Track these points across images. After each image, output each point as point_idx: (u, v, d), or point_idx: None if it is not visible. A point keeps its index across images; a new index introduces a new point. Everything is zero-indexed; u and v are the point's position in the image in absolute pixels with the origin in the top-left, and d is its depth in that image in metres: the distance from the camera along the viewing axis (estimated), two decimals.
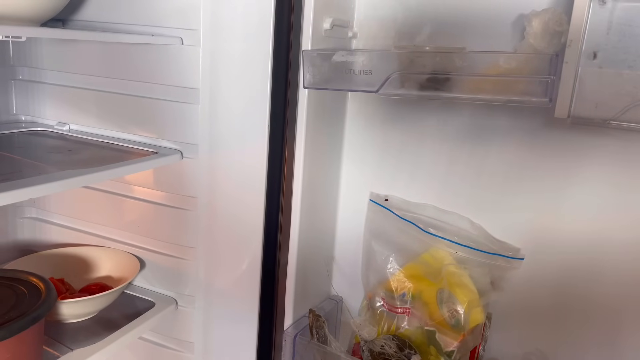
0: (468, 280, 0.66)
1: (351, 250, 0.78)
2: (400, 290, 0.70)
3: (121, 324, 0.75)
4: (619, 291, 0.62)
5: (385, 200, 0.73)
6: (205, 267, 0.80)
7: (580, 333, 0.65)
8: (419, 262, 0.70)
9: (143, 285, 0.87)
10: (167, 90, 0.74)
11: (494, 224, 0.68)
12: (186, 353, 0.84)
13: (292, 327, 0.72)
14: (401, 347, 0.66)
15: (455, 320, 0.65)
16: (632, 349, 0.62)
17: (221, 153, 0.74)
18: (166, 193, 0.81)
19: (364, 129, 0.74)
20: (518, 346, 0.69)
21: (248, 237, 0.76)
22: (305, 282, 0.76)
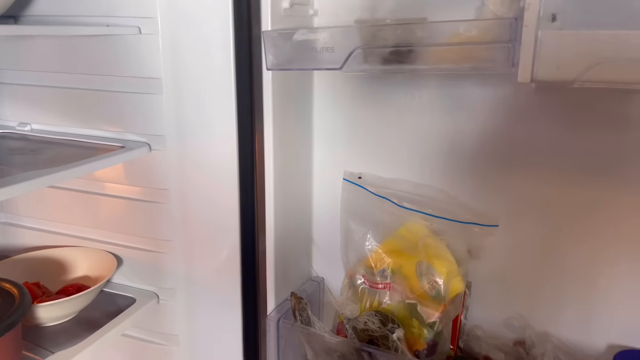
0: (445, 251, 0.66)
1: (329, 230, 0.78)
2: (379, 266, 0.70)
3: (102, 323, 0.75)
4: (592, 253, 0.63)
5: (359, 178, 0.72)
6: (184, 259, 0.79)
7: (558, 295, 0.66)
8: (397, 237, 0.70)
9: (123, 282, 0.85)
10: (129, 82, 0.73)
11: (469, 193, 0.68)
12: (171, 346, 0.84)
13: (275, 311, 0.72)
14: (384, 322, 0.67)
15: (435, 291, 0.66)
16: (605, 306, 0.63)
17: (190, 143, 0.73)
18: (137, 187, 0.79)
19: (332, 107, 0.73)
20: (499, 312, 0.70)
21: (224, 226, 0.75)
22: (285, 266, 0.75)
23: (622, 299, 0.62)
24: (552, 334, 0.66)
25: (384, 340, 0.65)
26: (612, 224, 0.61)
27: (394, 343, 0.65)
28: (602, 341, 0.64)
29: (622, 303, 0.62)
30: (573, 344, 0.65)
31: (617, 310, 0.63)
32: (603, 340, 0.64)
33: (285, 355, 0.71)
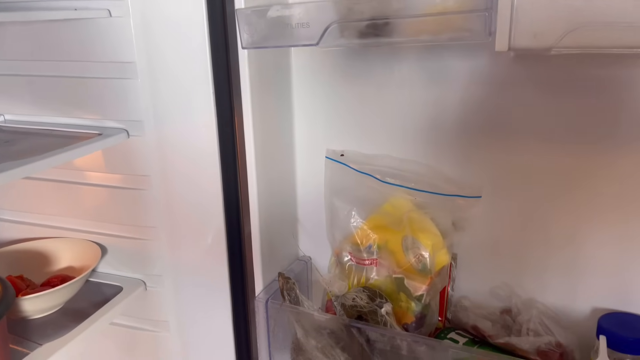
0: (430, 224, 0.66)
1: (314, 209, 0.78)
2: (365, 243, 0.70)
3: (90, 313, 0.74)
4: (575, 220, 0.63)
5: (341, 155, 0.72)
6: (169, 245, 0.79)
7: (542, 262, 0.66)
8: (381, 212, 0.70)
9: (108, 271, 0.85)
10: (102, 67, 0.71)
11: (452, 166, 0.68)
12: (162, 332, 0.84)
13: (263, 292, 0.72)
14: (372, 297, 0.67)
15: (421, 264, 0.66)
16: (589, 271, 0.64)
17: (168, 127, 0.72)
18: (118, 175, 0.78)
19: (311, 85, 0.73)
20: (485, 282, 0.70)
21: (208, 210, 0.74)
22: (272, 247, 0.75)
23: (605, 264, 0.63)
24: (538, 300, 0.67)
25: (372, 315, 0.66)
26: (595, 189, 0.62)
27: (382, 317, 0.65)
28: (586, 305, 0.65)
29: (605, 267, 0.63)
30: (558, 309, 0.66)
31: (601, 274, 0.63)
32: (587, 304, 0.65)
33: (276, 335, 0.71)
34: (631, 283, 0.62)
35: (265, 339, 0.71)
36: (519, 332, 0.64)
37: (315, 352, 0.67)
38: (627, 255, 0.62)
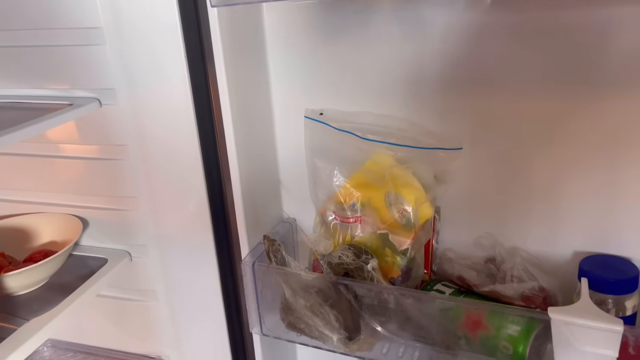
0: (412, 179, 0.66)
1: (296, 171, 0.77)
2: (349, 201, 0.70)
3: (76, 286, 0.74)
4: (556, 166, 0.63)
5: (320, 114, 0.71)
6: (152, 214, 0.78)
7: (524, 210, 0.67)
8: (363, 170, 0.70)
9: (92, 244, 0.84)
10: (67, 34, 0.68)
11: (432, 119, 0.68)
12: (150, 301, 0.84)
13: (249, 255, 0.72)
14: (358, 254, 0.67)
15: (405, 219, 0.66)
16: (570, 216, 0.65)
17: (142, 94, 0.70)
18: (94, 146, 0.77)
19: (285, 43, 0.71)
20: (469, 233, 0.71)
21: (189, 177, 0.73)
22: (255, 211, 0.75)
23: (585, 209, 0.64)
24: (521, 248, 0.68)
25: (359, 272, 0.66)
26: (575, 137, 0.62)
27: (369, 273, 0.65)
28: (568, 250, 0.66)
29: (585, 213, 0.64)
30: (541, 255, 0.67)
31: (582, 219, 0.64)
32: (569, 249, 0.66)
33: (264, 297, 0.71)
34: (611, 226, 0.63)
35: (254, 302, 0.71)
36: (503, 279, 0.65)
37: (305, 310, 0.67)
38: (606, 199, 0.62)
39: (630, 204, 0.62)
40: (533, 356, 0.58)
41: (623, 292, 0.58)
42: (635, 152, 0.60)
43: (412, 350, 0.66)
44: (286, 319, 0.70)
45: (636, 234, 0.62)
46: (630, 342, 0.52)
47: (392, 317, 0.65)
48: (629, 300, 0.58)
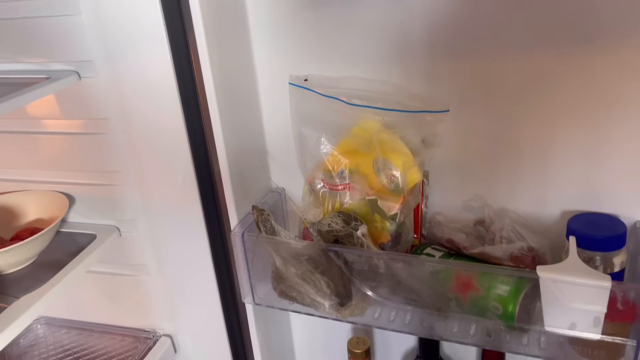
0: (400, 144, 0.66)
1: (283, 140, 0.76)
2: (337, 168, 0.70)
3: (65, 263, 0.73)
4: (543, 124, 0.63)
5: (305, 80, 0.70)
6: (139, 188, 0.77)
7: (512, 171, 0.67)
8: (351, 136, 0.69)
9: (80, 220, 0.84)
10: (41, 4, 0.66)
11: (418, 83, 0.67)
12: (142, 275, 0.84)
13: (239, 226, 0.72)
14: (347, 221, 0.67)
15: (394, 184, 0.66)
16: (558, 175, 0.64)
17: (121, 66, 0.68)
18: (75, 120, 0.75)
19: (267, 8, 0.69)
20: (458, 196, 0.71)
21: (174, 149, 0.72)
22: (243, 182, 0.74)
23: (573, 168, 0.64)
24: (510, 209, 0.68)
25: (349, 239, 0.66)
26: (563, 96, 0.61)
27: (358, 239, 0.65)
28: (556, 209, 0.66)
29: (573, 171, 0.64)
30: (529, 216, 0.67)
31: (569, 178, 0.64)
32: (557, 208, 0.66)
33: (255, 266, 0.71)
34: (599, 184, 0.63)
35: (245, 272, 0.71)
36: (492, 241, 0.66)
37: (296, 278, 0.67)
38: (594, 157, 0.62)
39: (617, 161, 0.61)
40: (522, 315, 0.59)
41: (610, 248, 0.58)
42: (621, 109, 0.59)
43: (403, 313, 0.67)
44: (278, 287, 0.71)
45: (624, 191, 0.62)
46: (619, 297, 0.53)
47: (383, 281, 0.66)
48: (616, 257, 0.58)
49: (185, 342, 0.89)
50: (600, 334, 0.54)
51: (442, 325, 0.65)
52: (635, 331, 0.54)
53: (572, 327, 0.55)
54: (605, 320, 0.53)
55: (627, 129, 0.60)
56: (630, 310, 0.53)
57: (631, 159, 0.61)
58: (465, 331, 0.64)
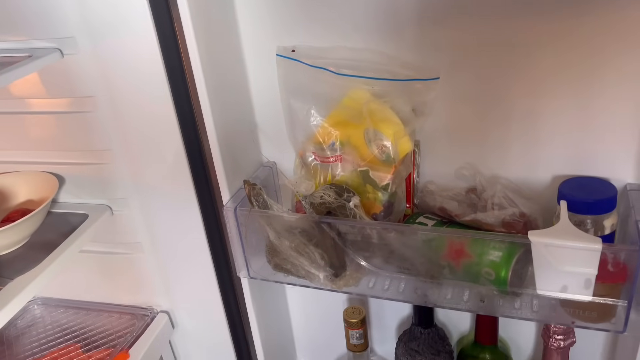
0: (390, 113, 0.65)
1: (272, 113, 0.75)
2: (328, 141, 0.69)
3: (58, 243, 0.73)
4: (533, 90, 0.63)
5: (292, 51, 0.69)
6: (129, 167, 0.77)
7: (503, 137, 0.66)
8: (341, 107, 0.68)
9: (71, 201, 0.83)
10: None
11: (407, 51, 0.66)
12: (136, 253, 0.84)
13: (231, 201, 0.71)
14: (339, 193, 0.67)
15: (385, 155, 0.66)
16: (548, 140, 0.64)
17: (105, 41, 0.67)
18: (61, 99, 0.74)
19: None
20: (449, 164, 0.71)
21: (162, 127, 0.71)
22: (234, 157, 0.73)
23: (563, 132, 0.63)
24: (501, 176, 0.68)
25: (341, 210, 0.66)
26: (551, 60, 0.60)
27: (351, 211, 0.65)
28: (547, 174, 0.66)
29: (564, 136, 0.64)
30: (521, 182, 0.67)
31: (560, 143, 0.64)
32: (548, 173, 0.66)
33: (249, 240, 0.71)
34: (589, 148, 0.63)
35: (239, 246, 0.71)
36: (484, 208, 0.66)
37: (290, 251, 0.68)
38: (583, 121, 0.62)
39: (607, 124, 0.61)
40: (515, 280, 0.60)
41: (601, 211, 0.59)
42: (610, 71, 0.59)
43: (397, 282, 0.67)
44: (272, 260, 0.71)
45: (614, 154, 0.62)
46: (609, 259, 0.54)
47: (376, 251, 0.66)
48: (607, 220, 0.59)
49: (182, 318, 0.90)
50: (592, 296, 0.54)
51: (436, 292, 0.65)
52: (626, 292, 0.55)
53: (564, 290, 0.55)
54: (596, 282, 0.53)
55: (617, 91, 0.59)
56: (620, 272, 0.54)
57: (621, 122, 0.61)
58: (458, 297, 0.64)
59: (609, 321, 0.58)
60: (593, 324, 0.58)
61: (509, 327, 0.79)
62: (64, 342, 0.86)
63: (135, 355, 0.80)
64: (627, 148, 0.62)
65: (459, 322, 0.83)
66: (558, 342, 0.67)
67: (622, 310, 0.56)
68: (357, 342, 0.80)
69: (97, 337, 0.86)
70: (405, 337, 0.80)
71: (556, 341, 0.67)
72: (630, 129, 0.61)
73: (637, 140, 0.61)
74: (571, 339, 0.67)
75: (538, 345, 0.79)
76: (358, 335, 0.79)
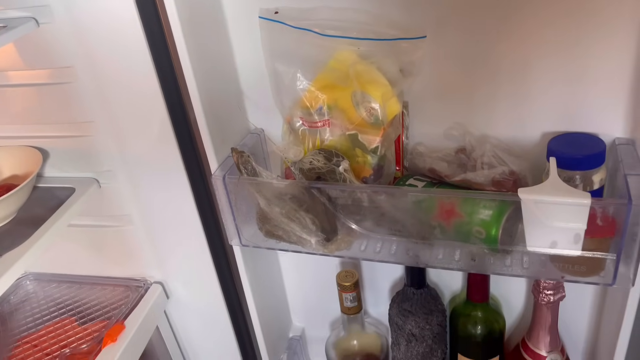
0: (377, 75, 0.64)
1: (257, 79, 0.74)
2: (315, 105, 0.68)
3: (46, 218, 0.72)
4: (520, 45, 0.62)
5: (275, 13, 0.67)
6: (114, 139, 0.76)
7: (492, 96, 0.66)
8: (327, 70, 0.67)
9: (57, 175, 0.82)
10: None
11: (392, 9, 0.64)
12: (125, 226, 0.84)
13: (219, 169, 0.71)
14: (329, 157, 0.66)
15: (373, 117, 0.65)
16: (537, 97, 0.64)
17: (81, 10, 0.65)
18: (39, 70, 0.73)
19: None
20: (438, 125, 0.70)
21: (145, 96, 0.70)
22: (221, 125, 0.72)
23: (552, 88, 0.63)
24: (490, 135, 0.68)
25: (331, 175, 0.66)
26: (540, 14, 0.59)
27: (341, 175, 0.65)
28: (536, 132, 0.66)
29: (552, 92, 0.63)
30: (510, 140, 0.67)
31: (548, 99, 0.64)
32: (537, 130, 0.66)
33: (239, 208, 0.71)
34: (577, 104, 0.63)
35: (229, 214, 0.71)
36: (474, 167, 0.66)
37: (281, 218, 0.67)
38: (572, 76, 0.61)
39: (595, 79, 0.61)
40: (505, 237, 0.60)
41: (590, 167, 0.58)
42: (598, 26, 0.58)
43: (389, 244, 0.68)
44: (263, 227, 0.71)
45: (602, 109, 0.62)
46: (598, 213, 0.54)
47: (367, 215, 0.66)
48: (595, 175, 0.59)
49: (176, 288, 0.90)
50: (581, 250, 0.55)
51: (427, 253, 0.66)
52: (615, 245, 0.55)
53: (554, 246, 0.56)
54: (586, 236, 0.54)
55: (605, 45, 0.59)
56: (609, 226, 0.54)
57: (609, 76, 0.60)
58: (450, 257, 0.65)
59: (598, 275, 0.59)
60: (582, 277, 0.59)
61: (500, 285, 0.80)
62: (59, 316, 0.87)
63: (131, 326, 0.81)
64: (615, 102, 0.61)
65: (450, 282, 0.84)
66: (548, 297, 0.68)
67: (611, 264, 0.57)
68: (351, 304, 0.81)
69: (92, 310, 0.87)
70: (398, 298, 0.81)
71: (546, 296, 0.68)
72: (619, 82, 0.60)
73: (626, 94, 0.61)
74: (561, 293, 0.68)
75: (528, 301, 0.81)
76: (351, 298, 0.80)
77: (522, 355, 0.75)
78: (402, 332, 0.80)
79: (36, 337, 0.82)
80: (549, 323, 0.71)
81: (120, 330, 0.80)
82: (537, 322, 0.72)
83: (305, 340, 1.00)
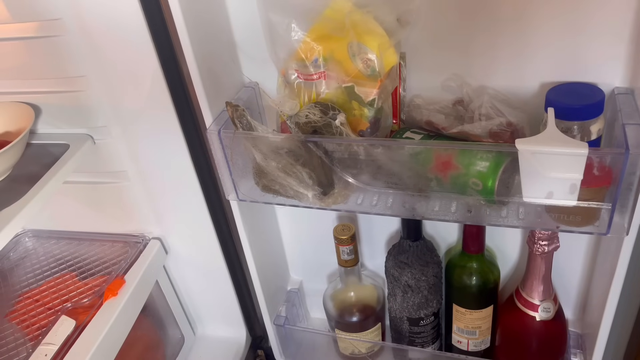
0: (374, 24, 0.62)
1: (251, 30, 0.72)
2: (311, 57, 0.67)
3: (41, 175, 0.72)
4: None
5: None
6: (107, 94, 0.74)
7: (490, 45, 0.64)
8: (322, 20, 0.65)
9: (51, 131, 0.81)
10: None
11: None
12: (122, 182, 0.84)
13: (214, 124, 0.70)
14: (325, 111, 0.65)
15: (370, 69, 0.64)
16: (535, 47, 0.62)
17: None
18: (27, 23, 0.71)
19: None
20: (436, 76, 0.69)
21: (137, 49, 0.69)
22: (215, 79, 0.71)
23: (551, 37, 0.61)
24: (488, 86, 0.67)
25: (327, 128, 0.65)
26: None
27: (337, 128, 0.64)
28: (534, 82, 0.65)
29: (551, 41, 0.62)
30: (508, 91, 0.66)
31: (547, 49, 0.62)
32: (535, 80, 0.65)
33: (235, 163, 0.70)
34: (576, 53, 0.62)
35: (225, 169, 0.71)
36: (471, 119, 0.65)
37: (277, 172, 0.67)
38: (571, 25, 0.60)
39: (594, 27, 0.59)
40: (502, 189, 0.60)
41: (587, 117, 0.58)
42: None
43: (385, 197, 0.68)
44: (260, 182, 0.71)
45: (602, 58, 0.61)
46: (595, 163, 0.54)
47: (364, 168, 0.66)
48: (593, 125, 0.59)
49: (175, 243, 0.91)
50: (577, 200, 0.55)
51: (424, 205, 0.66)
52: (610, 195, 0.56)
53: (550, 196, 0.56)
54: (582, 186, 0.54)
55: None
56: (606, 175, 0.55)
57: (609, 25, 0.59)
58: (446, 209, 0.65)
59: (592, 224, 0.59)
60: (577, 227, 0.60)
61: (495, 236, 0.81)
62: (59, 271, 0.88)
63: (131, 281, 0.82)
64: (615, 51, 0.60)
65: (446, 234, 0.85)
66: (542, 247, 0.69)
67: (606, 213, 0.57)
68: (348, 257, 0.82)
69: (92, 265, 0.87)
70: (394, 250, 0.82)
71: (540, 247, 0.69)
72: (619, 31, 0.59)
73: (626, 43, 0.60)
74: (555, 244, 0.69)
75: (523, 252, 0.82)
76: (348, 251, 0.81)
77: (516, 304, 0.76)
78: (398, 283, 0.81)
79: (37, 292, 0.84)
80: (543, 273, 0.72)
81: (121, 285, 0.81)
82: (531, 272, 0.73)
83: (303, 293, 1.02)
